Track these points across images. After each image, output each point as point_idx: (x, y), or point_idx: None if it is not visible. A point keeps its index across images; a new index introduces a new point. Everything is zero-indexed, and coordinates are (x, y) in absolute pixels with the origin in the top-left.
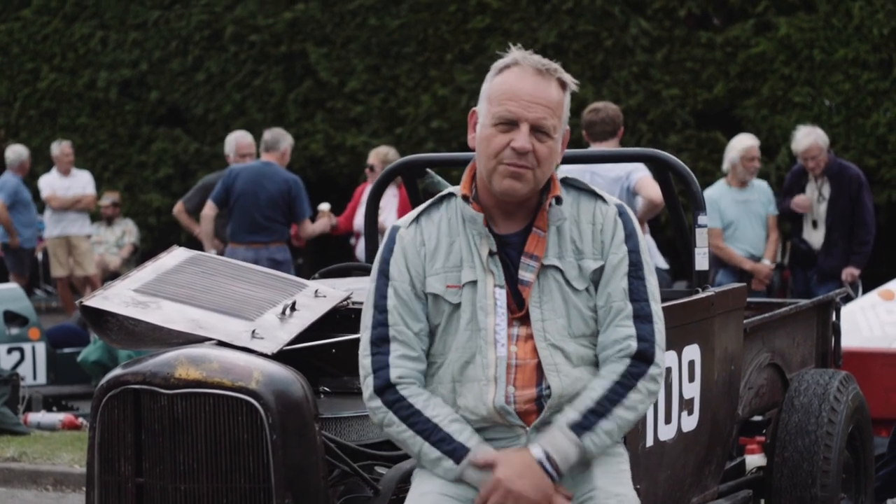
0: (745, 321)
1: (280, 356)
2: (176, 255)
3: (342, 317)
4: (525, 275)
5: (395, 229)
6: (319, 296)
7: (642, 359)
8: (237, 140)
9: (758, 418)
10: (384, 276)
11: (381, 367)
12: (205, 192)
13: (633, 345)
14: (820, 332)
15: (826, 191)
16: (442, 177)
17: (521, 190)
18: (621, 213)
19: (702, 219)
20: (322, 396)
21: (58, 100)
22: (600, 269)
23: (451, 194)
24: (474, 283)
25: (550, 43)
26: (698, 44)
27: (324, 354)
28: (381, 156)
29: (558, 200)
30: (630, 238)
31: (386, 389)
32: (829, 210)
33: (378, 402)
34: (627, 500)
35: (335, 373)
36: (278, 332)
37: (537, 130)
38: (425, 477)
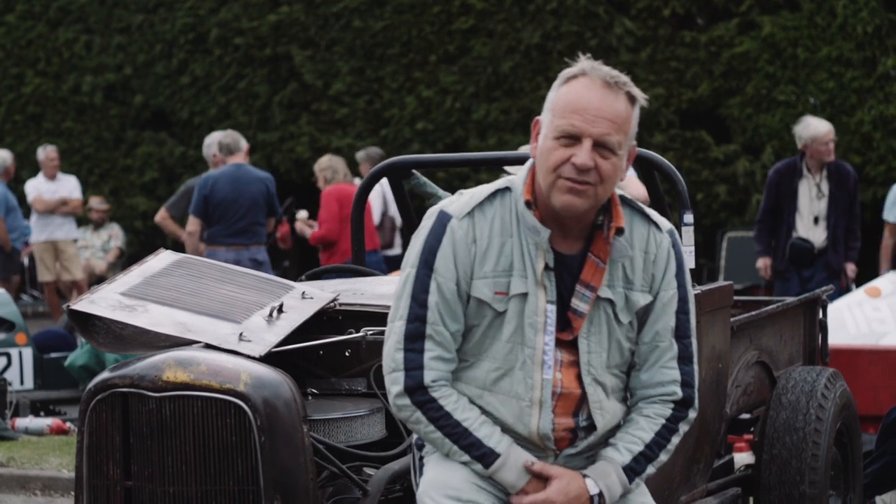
0: (731, 319)
1: (268, 358)
2: (163, 259)
3: (329, 318)
4: (580, 305)
5: (445, 217)
6: (306, 298)
7: (685, 405)
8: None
9: (746, 416)
10: (428, 266)
11: (414, 367)
12: (188, 196)
13: (679, 392)
14: (807, 330)
15: (825, 187)
16: (427, 178)
17: (580, 206)
18: (674, 245)
19: (688, 217)
20: (310, 398)
21: (43, 104)
22: (648, 304)
23: (507, 188)
24: (524, 294)
25: (534, 44)
26: (682, 43)
27: (311, 356)
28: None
29: (619, 231)
30: (680, 271)
31: (417, 390)
32: (831, 206)
33: (406, 401)
34: None
35: (323, 374)
36: (266, 335)
37: (601, 146)
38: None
